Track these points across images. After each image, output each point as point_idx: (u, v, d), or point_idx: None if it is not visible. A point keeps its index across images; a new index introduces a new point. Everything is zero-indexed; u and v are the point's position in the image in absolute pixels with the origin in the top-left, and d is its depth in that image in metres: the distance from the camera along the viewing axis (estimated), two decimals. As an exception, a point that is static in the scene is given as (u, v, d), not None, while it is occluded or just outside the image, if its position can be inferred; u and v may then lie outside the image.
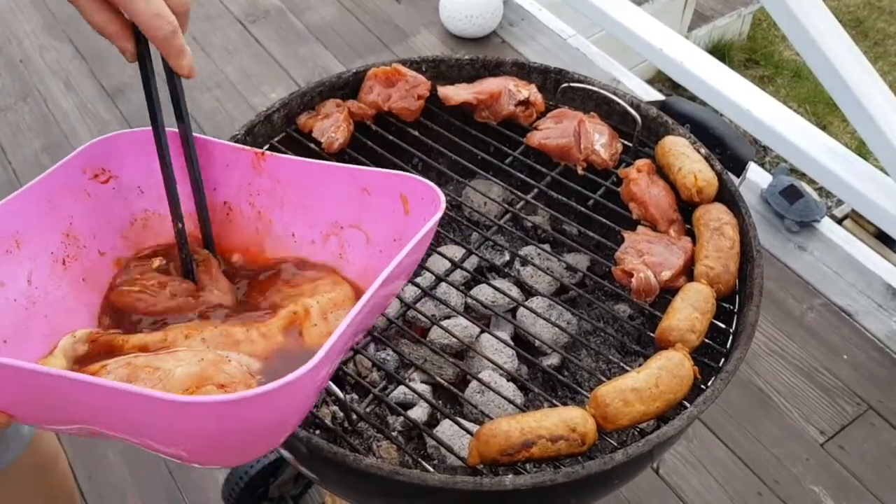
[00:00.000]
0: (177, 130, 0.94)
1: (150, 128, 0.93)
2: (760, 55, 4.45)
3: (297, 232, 0.97)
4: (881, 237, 3.08)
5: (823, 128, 3.94)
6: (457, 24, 3.19)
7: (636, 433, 1.02)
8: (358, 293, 0.91)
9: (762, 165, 3.54)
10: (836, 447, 2.13)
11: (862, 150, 3.36)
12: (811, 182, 3.05)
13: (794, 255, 2.51)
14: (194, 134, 0.95)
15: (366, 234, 0.93)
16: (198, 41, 3.25)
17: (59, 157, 2.93)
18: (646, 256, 1.10)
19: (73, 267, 0.94)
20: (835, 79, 2.25)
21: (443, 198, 0.83)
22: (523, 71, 1.36)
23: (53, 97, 3.00)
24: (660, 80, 4.07)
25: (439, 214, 0.82)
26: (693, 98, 2.26)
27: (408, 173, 0.89)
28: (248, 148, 0.96)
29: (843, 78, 2.22)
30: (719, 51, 4.34)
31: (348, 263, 0.94)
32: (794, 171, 2.94)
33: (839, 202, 3.44)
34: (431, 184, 0.85)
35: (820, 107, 4.14)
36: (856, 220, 3.16)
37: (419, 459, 0.98)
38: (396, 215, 0.89)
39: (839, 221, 3.12)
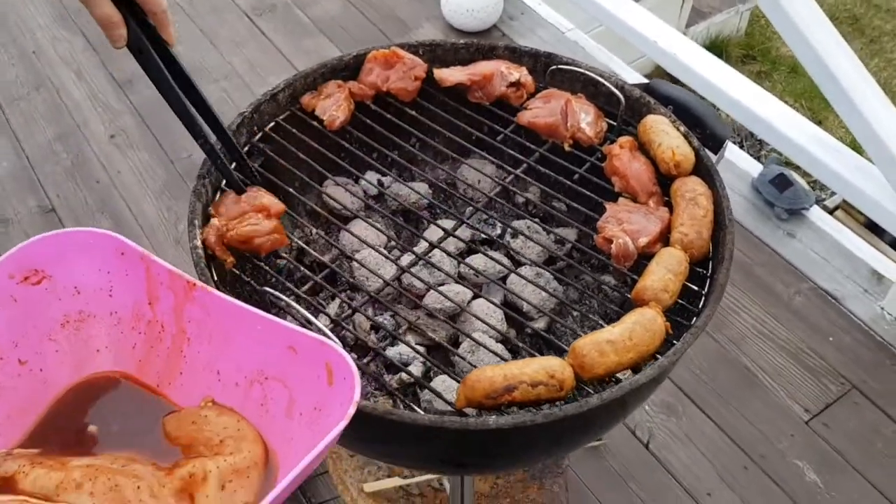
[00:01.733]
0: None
1: (94, 229, 0.93)
2: (758, 51, 4.52)
3: (221, 370, 0.94)
4: (871, 227, 3.16)
5: (819, 123, 4.00)
6: (458, 17, 3.27)
7: (613, 384, 1.10)
8: (269, 456, 0.89)
9: (758, 159, 3.61)
10: (821, 425, 2.21)
11: (856, 145, 3.44)
12: (805, 175, 3.12)
13: (783, 241, 2.59)
14: (136, 246, 0.95)
15: (289, 391, 0.90)
16: (206, 34, 3.33)
17: (71, 145, 2.99)
18: (625, 224, 1.18)
19: None
20: (824, 72, 2.33)
21: (359, 386, 0.81)
22: (515, 55, 1.44)
23: (65, 87, 3.09)
24: (658, 75, 4.15)
25: (352, 410, 0.79)
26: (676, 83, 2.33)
27: (335, 346, 0.86)
28: (183, 274, 0.94)
29: (832, 72, 2.30)
30: (717, 47, 4.42)
31: (270, 418, 0.91)
32: (788, 163, 3.02)
33: (831, 193, 3.51)
34: (353, 365, 0.83)
35: (816, 102, 4.21)
36: (846, 210, 3.24)
37: (411, 405, 1.06)
38: (320, 382, 0.86)
39: (830, 212, 3.20)
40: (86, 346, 0.96)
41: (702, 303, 1.13)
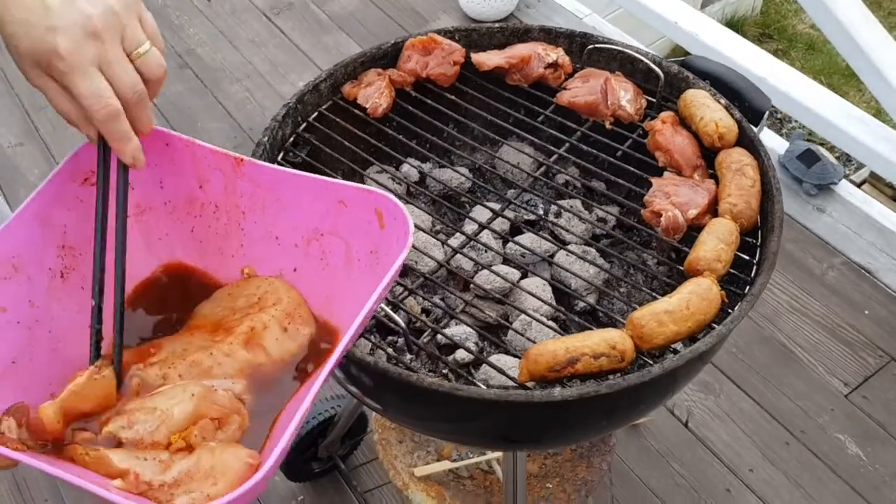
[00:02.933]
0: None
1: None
2: (774, 29, 4.51)
3: (280, 235, 0.99)
4: (899, 200, 3.15)
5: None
6: (475, 7, 3.28)
7: (671, 354, 1.11)
8: (333, 304, 0.95)
9: (780, 134, 3.61)
10: (860, 397, 2.21)
11: (881, 118, 3.43)
12: (830, 149, 3.12)
13: (812, 217, 2.59)
14: (179, 134, 0.97)
15: (345, 242, 0.95)
16: (225, 35, 3.36)
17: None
18: (673, 197, 1.19)
19: (72, 278, 0.94)
20: (849, 43, 2.32)
21: (411, 222, 0.85)
22: (550, 36, 1.45)
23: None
24: (676, 56, 4.14)
25: (409, 243, 0.84)
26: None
27: (380, 190, 0.91)
28: (229, 152, 0.97)
29: (857, 41, 2.30)
30: (733, 26, 4.40)
31: (331, 271, 0.96)
32: (812, 139, 3.01)
33: (857, 168, 3.50)
34: (401, 204, 0.88)
35: (835, 78, 4.19)
36: (873, 185, 3.23)
37: (473, 381, 1.07)
38: (373, 227, 0.91)
39: (858, 186, 3.19)
40: (146, 237, 1.01)
41: (753, 272, 1.13)
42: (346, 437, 2.03)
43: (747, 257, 1.15)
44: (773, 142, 2.81)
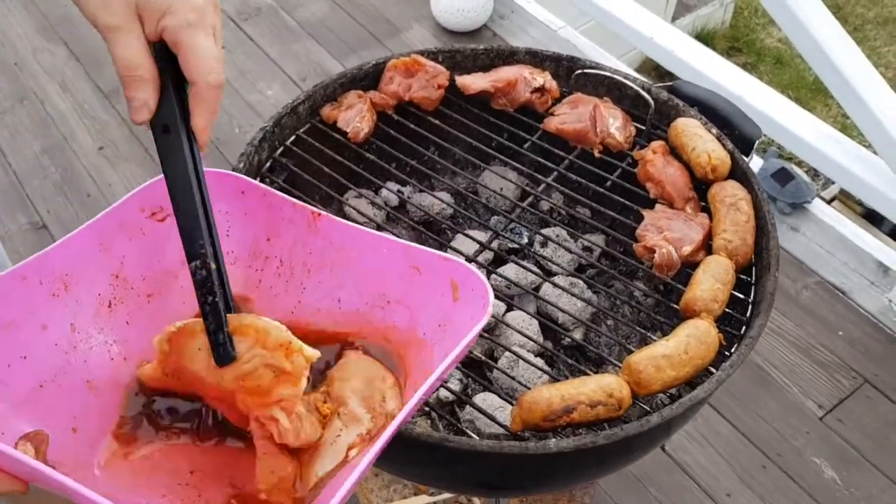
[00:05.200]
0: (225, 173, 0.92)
1: (216, 169, 0.90)
2: (743, 43, 4.53)
3: (343, 298, 0.92)
4: (868, 217, 3.17)
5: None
6: (448, 17, 3.23)
7: (664, 399, 1.07)
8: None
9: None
10: (835, 420, 2.20)
11: (848, 134, 3.46)
12: (799, 165, 3.12)
13: (787, 235, 2.58)
14: (257, 183, 0.93)
15: (411, 312, 0.88)
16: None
17: (59, 159, 2.91)
18: (666, 233, 1.15)
19: (119, 310, 0.90)
20: (822, 59, 2.31)
21: (491, 296, 0.79)
22: (536, 59, 1.40)
23: (50, 99, 3.01)
24: (647, 68, 4.14)
25: (486, 317, 0.78)
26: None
27: (461, 261, 0.84)
28: (307, 205, 0.92)
29: (830, 57, 2.29)
30: (702, 39, 4.41)
31: (389, 342, 0.90)
32: (783, 155, 3.01)
33: (825, 184, 3.52)
34: (483, 277, 0.81)
35: (802, 92, 4.22)
36: (843, 202, 3.25)
37: (462, 428, 1.02)
38: (445, 300, 0.85)
39: (828, 203, 3.20)
40: None
41: (749, 311, 1.10)
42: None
43: (742, 296, 1.12)
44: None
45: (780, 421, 2.19)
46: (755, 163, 2.76)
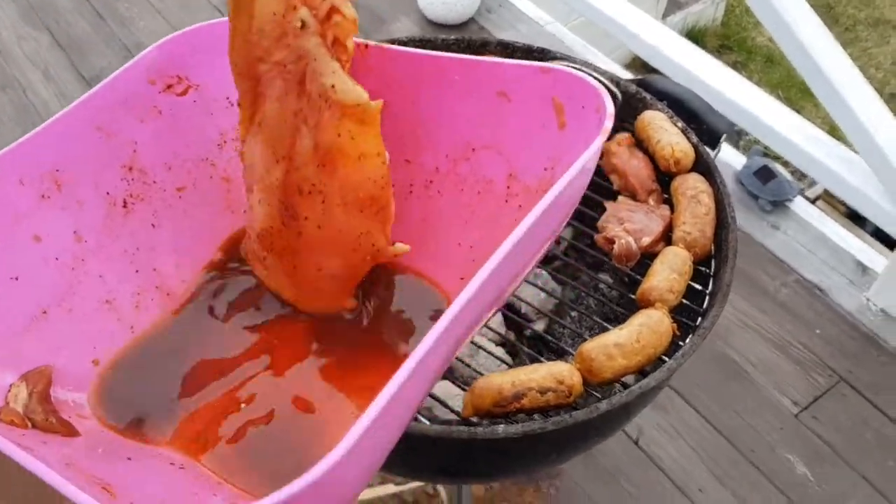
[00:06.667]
0: None
1: None
2: (734, 41, 4.53)
3: (411, 157, 0.73)
4: (852, 217, 3.18)
5: (796, 112, 4.03)
6: (435, 10, 3.23)
7: (620, 388, 1.08)
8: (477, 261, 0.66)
9: (737, 148, 3.62)
10: (810, 417, 2.21)
11: (834, 134, 3.47)
12: (785, 164, 3.13)
13: (767, 233, 2.59)
14: None
15: (506, 158, 0.69)
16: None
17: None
18: (626, 224, 1.15)
19: (139, 210, 0.73)
20: (807, 62, 2.32)
21: (611, 105, 0.61)
22: (507, 50, 1.40)
23: (33, 87, 3.01)
24: (636, 65, 4.14)
25: (604, 133, 0.59)
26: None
27: (564, 67, 0.63)
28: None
29: (816, 61, 2.30)
30: (693, 37, 4.42)
31: (482, 203, 0.69)
32: (767, 154, 3.02)
33: (811, 184, 3.53)
34: (594, 82, 0.62)
35: (792, 91, 4.23)
36: (827, 201, 3.26)
37: (416, 415, 1.03)
38: (548, 131, 0.66)
39: (812, 202, 3.21)
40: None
41: (706, 302, 1.11)
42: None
43: (700, 287, 1.12)
44: (730, 156, 2.81)
45: (755, 417, 2.20)
46: (737, 159, 2.77)
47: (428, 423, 0.94)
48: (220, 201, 0.75)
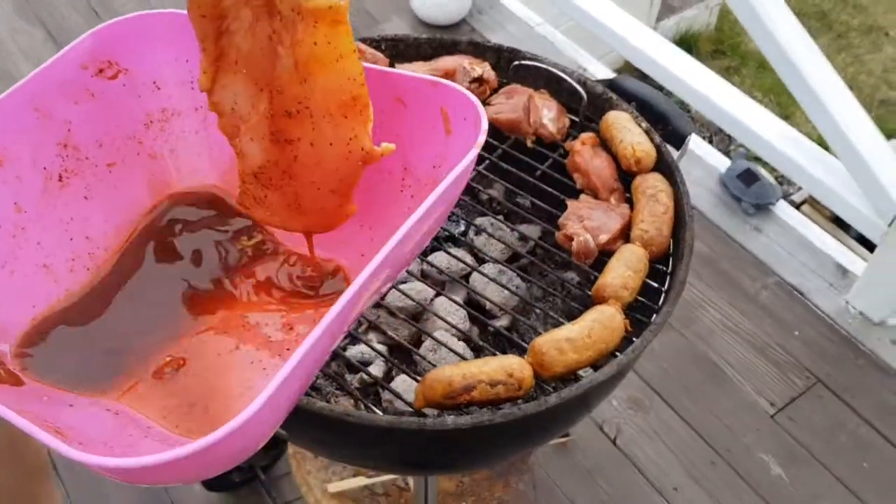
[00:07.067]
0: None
1: (166, 10, 0.82)
2: (727, 46, 4.55)
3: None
4: (836, 221, 3.19)
5: (786, 118, 4.04)
6: (427, 11, 3.25)
7: (573, 382, 1.09)
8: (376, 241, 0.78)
9: (727, 154, 3.64)
10: (786, 418, 2.22)
11: (823, 140, 3.48)
12: (773, 170, 3.14)
13: (750, 236, 2.61)
14: None
15: (402, 156, 0.78)
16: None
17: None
18: (586, 221, 1.17)
19: (73, 184, 0.81)
20: (788, 67, 2.34)
21: (485, 119, 0.71)
22: (478, 50, 1.43)
23: (27, 82, 3.03)
24: (627, 69, 4.15)
25: (478, 146, 0.68)
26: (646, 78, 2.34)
27: (451, 84, 0.74)
28: None
29: (796, 66, 2.31)
30: (686, 42, 4.43)
31: (379, 194, 0.81)
32: (756, 158, 3.04)
33: (798, 188, 3.54)
34: (474, 98, 0.72)
35: (784, 97, 4.24)
36: (812, 205, 3.27)
37: (370, 405, 1.05)
38: (437, 135, 0.76)
39: (797, 206, 3.23)
40: (173, 150, 0.86)
41: (661, 300, 1.12)
42: (267, 447, 1.99)
43: (657, 285, 1.14)
44: (716, 159, 2.82)
45: (732, 418, 2.22)
46: (722, 161, 2.78)
47: (379, 413, 0.96)
48: (146, 175, 0.84)
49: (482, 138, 0.70)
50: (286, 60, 0.76)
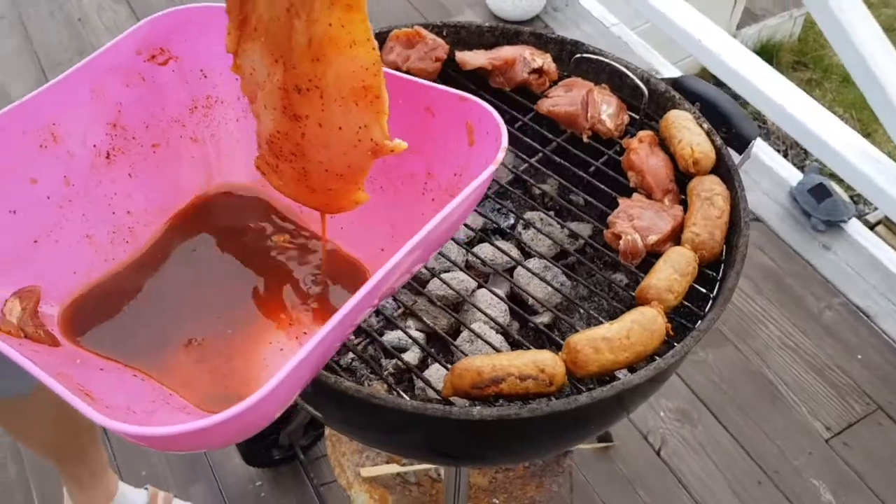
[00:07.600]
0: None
1: (219, 5, 0.85)
2: (810, 58, 4.40)
3: None
4: (913, 245, 3.06)
5: (868, 135, 3.89)
6: (501, 5, 3.23)
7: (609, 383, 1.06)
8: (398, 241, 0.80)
9: (801, 169, 3.53)
10: (841, 444, 2.14)
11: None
12: (849, 188, 3.03)
13: (817, 253, 2.52)
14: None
15: (426, 161, 0.83)
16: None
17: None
18: (635, 221, 1.14)
19: (119, 161, 0.85)
20: (873, 84, 2.25)
21: (505, 138, 0.74)
22: (540, 41, 1.40)
23: (107, 55, 3.12)
24: (703, 77, 4.06)
25: (498, 162, 0.73)
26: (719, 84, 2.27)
27: (477, 99, 0.78)
28: None
29: (882, 84, 2.22)
30: (768, 51, 4.31)
31: (402, 196, 0.85)
32: (831, 175, 2.93)
33: (875, 208, 3.41)
34: (498, 116, 0.75)
35: (866, 113, 4.08)
36: (888, 226, 3.14)
37: (400, 392, 1.03)
38: (460, 145, 0.80)
39: (872, 227, 3.11)
40: (214, 136, 0.91)
41: (708, 306, 1.08)
42: (308, 427, 2.01)
43: (705, 290, 1.10)
44: (787, 172, 2.74)
45: (784, 438, 2.14)
46: (795, 175, 2.69)
47: (407, 398, 0.95)
48: (188, 157, 0.88)
49: (501, 155, 0.73)
50: (301, 36, 0.76)
